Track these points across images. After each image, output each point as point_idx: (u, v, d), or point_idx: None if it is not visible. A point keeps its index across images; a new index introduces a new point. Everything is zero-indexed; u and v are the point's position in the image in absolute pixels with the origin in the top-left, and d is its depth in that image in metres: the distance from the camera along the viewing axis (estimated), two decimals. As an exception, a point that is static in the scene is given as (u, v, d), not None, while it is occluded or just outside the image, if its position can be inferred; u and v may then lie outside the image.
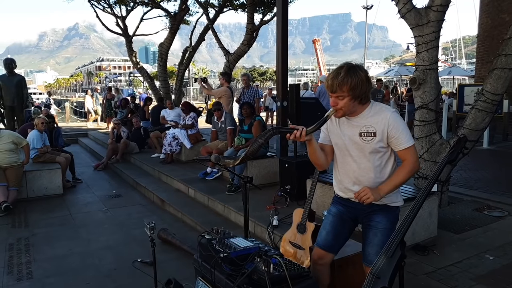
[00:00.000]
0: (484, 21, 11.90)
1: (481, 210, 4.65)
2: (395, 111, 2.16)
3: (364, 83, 2.03)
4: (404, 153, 2.11)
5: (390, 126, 2.07)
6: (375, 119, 2.10)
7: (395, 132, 2.07)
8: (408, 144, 2.09)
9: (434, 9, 4.27)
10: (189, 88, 43.18)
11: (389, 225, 2.17)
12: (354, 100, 2.05)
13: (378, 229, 2.17)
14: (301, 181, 4.72)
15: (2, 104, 8.82)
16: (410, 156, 2.11)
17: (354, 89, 2.01)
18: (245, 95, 7.87)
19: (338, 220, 2.32)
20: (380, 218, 2.18)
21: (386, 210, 2.19)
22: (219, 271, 2.20)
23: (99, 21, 12.41)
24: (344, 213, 2.31)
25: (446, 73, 22.21)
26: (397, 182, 2.11)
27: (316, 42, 71.60)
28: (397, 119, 2.09)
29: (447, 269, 3.19)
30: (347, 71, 2.01)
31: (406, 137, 2.09)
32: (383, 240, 2.12)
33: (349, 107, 2.07)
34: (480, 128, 4.33)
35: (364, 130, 2.11)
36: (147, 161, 8.00)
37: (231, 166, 2.39)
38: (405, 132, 2.09)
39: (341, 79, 2.00)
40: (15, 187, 5.75)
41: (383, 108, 2.14)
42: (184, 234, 4.52)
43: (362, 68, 2.08)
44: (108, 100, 13.83)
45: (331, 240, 2.31)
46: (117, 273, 3.65)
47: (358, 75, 2.01)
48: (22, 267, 3.77)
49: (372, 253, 2.15)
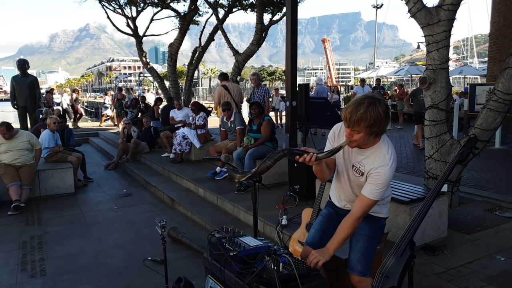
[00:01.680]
0: (496, 20, 11.74)
1: (492, 211, 4.60)
2: (391, 165, 2.05)
3: (382, 121, 1.95)
4: (360, 198, 2.09)
5: (375, 175, 2.04)
6: (371, 161, 2.07)
7: (375, 180, 2.04)
8: (369, 195, 2.05)
9: (445, 8, 4.24)
10: (198, 88, 43.41)
11: (371, 233, 2.20)
12: (370, 135, 2.00)
13: (360, 235, 2.21)
14: (310, 181, 4.73)
15: (16, 104, 8.98)
16: (360, 205, 2.07)
17: (371, 127, 1.94)
18: (255, 95, 7.90)
19: (327, 221, 2.39)
20: (362, 225, 2.19)
21: (370, 219, 2.22)
22: (229, 270, 2.22)
23: (110, 22, 12.53)
24: (333, 214, 2.39)
25: (458, 72, 21.98)
26: (342, 237, 2.11)
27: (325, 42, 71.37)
28: (387, 175, 2.03)
29: (457, 270, 3.17)
30: (367, 107, 1.91)
31: (375, 190, 2.04)
32: (364, 246, 2.16)
33: (364, 140, 2.02)
34: (491, 128, 4.30)
35: (358, 166, 2.14)
36: (157, 160, 8.07)
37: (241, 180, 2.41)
38: (380, 187, 2.04)
39: (360, 116, 1.91)
40: (27, 186, 5.85)
41: (386, 156, 2.06)
42: (194, 233, 4.55)
43: (383, 102, 2.00)
44: (118, 100, 13.96)
45: (318, 238, 2.35)
46: (127, 271, 3.69)
47: (377, 112, 1.92)
48: (35, 265, 3.84)
49: (354, 259, 2.18)
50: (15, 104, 8.96)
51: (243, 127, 6.33)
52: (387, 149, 2.07)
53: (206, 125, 8.00)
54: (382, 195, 2.09)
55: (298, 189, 4.84)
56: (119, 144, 9.02)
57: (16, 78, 9.00)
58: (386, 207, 2.29)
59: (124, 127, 9.34)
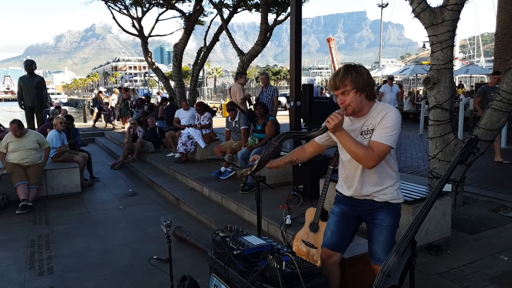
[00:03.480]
0: (502, 19, 11.68)
1: (496, 211, 4.60)
2: (398, 111, 2.15)
3: (364, 75, 2.08)
4: (373, 144, 2.09)
5: (384, 120, 2.09)
6: (376, 118, 2.12)
7: (383, 124, 2.08)
8: (380, 140, 2.06)
9: (449, 8, 4.24)
10: (203, 88, 43.53)
11: (393, 222, 2.22)
12: (360, 93, 2.08)
13: (383, 227, 2.21)
14: (314, 181, 4.75)
15: (23, 104, 9.08)
16: (375, 150, 2.06)
17: (356, 82, 2.06)
18: (263, 94, 7.92)
19: (342, 219, 2.37)
20: (384, 215, 2.22)
21: (388, 207, 2.23)
22: (232, 268, 2.25)
23: (116, 22, 12.62)
24: (347, 212, 2.36)
25: (464, 71, 21.84)
26: (353, 144, 2.07)
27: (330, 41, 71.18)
28: (395, 117, 2.08)
29: (460, 269, 3.18)
30: (346, 68, 2.11)
31: (384, 134, 2.06)
32: (388, 237, 2.18)
33: (357, 102, 2.09)
34: (495, 128, 4.29)
35: (365, 128, 2.16)
36: (163, 160, 8.13)
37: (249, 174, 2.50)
38: (390, 131, 2.07)
39: (342, 74, 2.08)
40: (35, 185, 5.92)
41: (387, 106, 2.15)
42: (198, 232, 4.60)
43: (361, 65, 2.16)
44: (124, 100, 14.06)
45: (336, 239, 2.36)
46: (133, 269, 3.75)
47: (357, 69, 2.09)
48: (43, 263, 3.90)
49: (379, 250, 2.20)
50: (22, 104, 9.07)
51: (248, 127, 6.37)
52: (385, 103, 2.18)
53: (211, 125, 8.04)
54: (393, 141, 2.07)
55: (302, 189, 4.86)
56: (124, 143, 9.09)
57: (23, 78, 9.11)
58: (400, 191, 2.30)
59: (130, 127, 9.41)
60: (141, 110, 11.69)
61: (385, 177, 2.22)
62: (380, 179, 2.21)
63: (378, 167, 2.16)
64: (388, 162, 2.21)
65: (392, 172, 2.24)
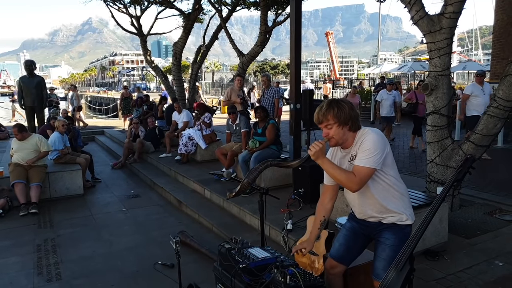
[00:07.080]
0: (499, 17, 11.74)
1: (492, 214, 4.71)
2: (378, 133, 2.21)
3: (346, 109, 2.18)
4: (354, 169, 2.19)
5: (362, 144, 2.18)
6: (357, 144, 2.23)
7: (362, 148, 2.18)
8: (359, 163, 2.16)
9: (447, 16, 4.32)
10: (201, 82, 43.41)
11: (397, 242, 2.28)
12: (342, 126, 2.19)
13: (387, 245, 2.31)
14: (314, 185, 4.84)
15: (23, 105, 9.13)
16: (357, 174, 2.15)
17: (338, 116, 2.17)
18: (265, 96, 7.95)
19: (351, 234, 2.48)
20: (389, 235, 2.32)
21: (396, 228, 2.32)
22: (238, 281, 2.35)
23: (114, 21, 12.58)
24: (357, 228, 2.48)
25: (461, 68, 21.91)
26: (336, 170, 2.20)
27: (328, 35, 71.11)
28: (372, 139, 2.16)
29: (456, 275, 3.29)
30: (328, 103, 2.22)
31: (366, 157, 2.14)
32: (390, 255, 2.25)
33: (340, 134, 2.21)
34: (492, 133, 4.39)
35: (351, 155, 2.28)
36: (164, 161, 8.20)
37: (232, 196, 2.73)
38: (369, 153, 2.14)
39: (324, 110, 2.20)
40: (37, 183, 5.97)
41: (366, 131, 2.23)
42: (201, 236, 4.69)
43: (344, 99, 2.28)
44: (126, 99, 14.10)
45: (342, 252, 2.47)
46: (139, 275, 3.83)
47: (339, 104, 2.20)
48: (51, 268, 3.99)
49: (380, 267, 2.29)
50: (23, 104, 9.13)
51: (248, 130, 6.44)
52: (365, 129, 2.26)
53: (211, 125, 8.11)
54: (374, 162, 2.14)
55: (303, 193, 4.96)
56: (125, 143, 9.15)
57: (23, 79, 9.16)
58: (410, 212, 2.33)
59: (131, 127, 9.46)
60: (141, 109, 11.73)
61: (388, 198, 2.29)
62: (383, 201, 2.28)
63: (377, 190, 2.26)
64: (389, 184, 2.28)
65: (396, 193, 2.30)
